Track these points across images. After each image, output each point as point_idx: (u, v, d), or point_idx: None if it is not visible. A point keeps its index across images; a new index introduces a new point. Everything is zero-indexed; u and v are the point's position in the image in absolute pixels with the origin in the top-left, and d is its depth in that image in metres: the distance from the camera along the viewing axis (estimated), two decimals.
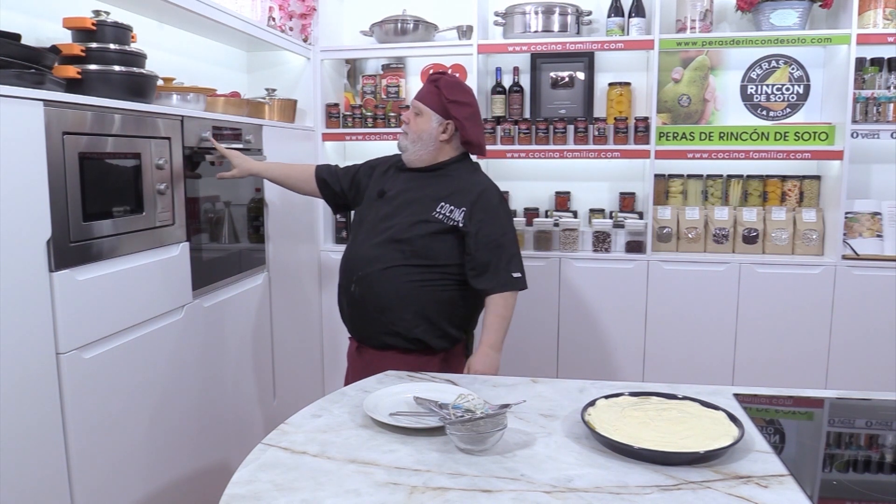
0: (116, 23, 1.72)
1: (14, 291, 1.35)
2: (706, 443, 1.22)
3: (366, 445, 1.28)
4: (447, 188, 1.94)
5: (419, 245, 1.88)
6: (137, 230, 1.74)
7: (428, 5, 3.16)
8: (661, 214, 2.99)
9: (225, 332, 2.20)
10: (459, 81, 2.03)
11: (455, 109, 1.93)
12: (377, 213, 1.97)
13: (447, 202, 1.91)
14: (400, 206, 1.94)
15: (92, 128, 1.57)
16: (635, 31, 2.90)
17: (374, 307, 1.90)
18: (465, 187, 1.94)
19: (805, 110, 3.04)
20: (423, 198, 1.93)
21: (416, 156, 1.97)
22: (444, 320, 1.92)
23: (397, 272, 1.88)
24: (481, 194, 1.93)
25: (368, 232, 1.96)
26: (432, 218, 1.90)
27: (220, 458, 2.15)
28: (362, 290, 1.92)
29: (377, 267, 1.90)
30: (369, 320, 1.93)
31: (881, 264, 2.75)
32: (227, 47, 2.85)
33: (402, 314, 1.89)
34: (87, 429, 1.55)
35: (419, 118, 1.95)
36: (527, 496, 1.10)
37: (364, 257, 1.93)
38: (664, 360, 2.91)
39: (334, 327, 3.12)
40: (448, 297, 1.92)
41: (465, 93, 1.98)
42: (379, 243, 1.91)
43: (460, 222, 1.89)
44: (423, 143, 1.95)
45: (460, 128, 1.94)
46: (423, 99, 1.95)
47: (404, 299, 1.88)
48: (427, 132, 1.94)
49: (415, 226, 1.89)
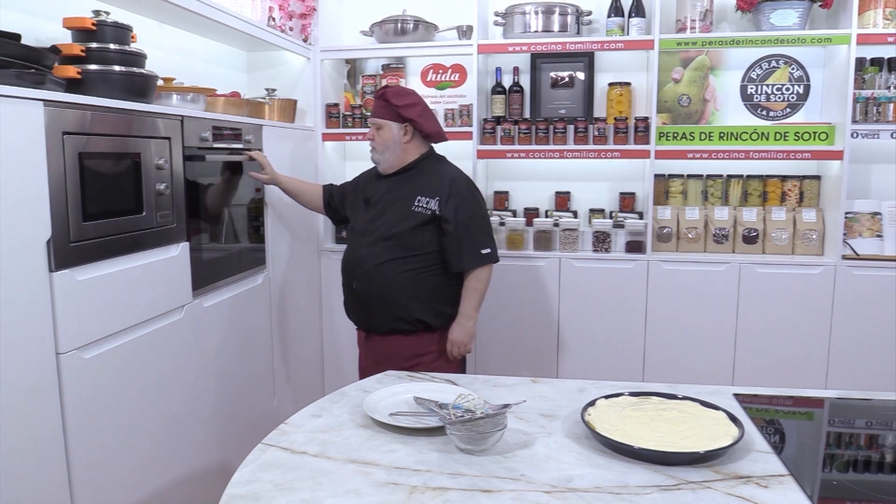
0: (116, 23, 1.72)
1: (14, 291, 1.34)
2: (706, 443, 1.23)
3: (366, 445, 1.28)
4: (420, 184, 2.19)
5: (406, 239, 2.13)
6: (137, 230, 1.74)
7: (428, 5, 3.16)
8: (661, 214, 2.99)
9: (225, 332, 2.20)
10: (402, 88, 2.31)
11: (406, 112, 2.17)
12: (365, 217, 2.24)
13: (422, 195, 2.15)
14: (383, 207, 2.20)
15: (92, 128, 1.57)
16: (635, 31, 2.90)
17: (376, 298, 2.16)
18: (435, 179, 2.19)
19: (805, 110, 3.04)
20: (402, 196, 2.18)
21: (389, 163, 2.22)
22: (437, 301, 2.19)
23: (391, 266, 2.14)
24: (452, 183, 2.17)
25: (361, 234, 2.22)
26: (412, 213, 2.14)
27: (220, 458, 2.15)
28: (363, 285, 2.17)
29: (373, 263, 2.15)
30: (373, 311, 2.18)
31: (881, 264, 2.75)
32: (227, 47, 2.85)
33: (401, 301, 2.14)
34: (87, 429, 1.55)
35: (381, 131, 2.20)
36: (527, 496, 1.10)
37: (360, 256, 2.19)
38: (664, 360, 2.91)
39: (334, 327, 3.12)
40: (438, 281, 2.18)
41: (410, 95, 2.23)
42: (371, 242, 2.17)
43: (437, 210, 2.13)
44: (391, 150, 2.20)
45: (417, 125, 2.18)
46: (378, 114, 2.21)
47: (401, 288, 2.13)
48: (391, 140, 2.19)
49: (399, 222, 2.15)
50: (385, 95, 2.19)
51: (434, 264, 2.16)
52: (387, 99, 2.18)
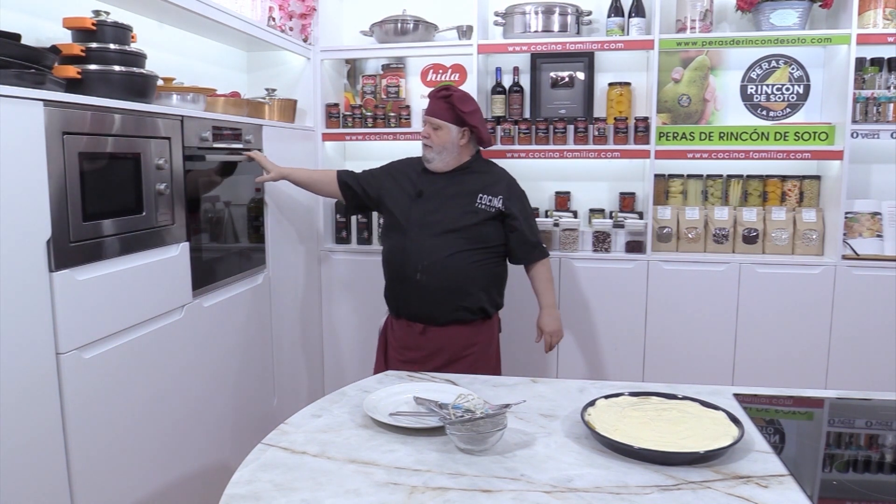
0: (116, 23, 1.72)
1: (14, 291, 1.34)
2: (706, 443, 1.23)
3: (366, 445, 1.28)
4: (479, 182, 2.29)
5: (472, 232, 2.23)
6: (137, 230, 1.74)
7: (428, 5, 3.16)
8: (661, 214, 2.99)
9: (225, 332, 2.20)
10: (465, 93, 2.33)
11: (470, 118, 2.24)
12: (421, 210, 2.27)
13: (484, 193, 2.26)
14: (442, 202, 2.26)
15: (92, 128, 1.57)
16: (635, 31, 2.90)
17: (444, 289, 2.21)
18: (494, 180, 2.31)
19: (805, 110, 3.04)
20: (462, 192, 2.26)
21: (444, 163, 2.29)
22: (495, 290, 2.33)
23: (460, 257, 2.21)
24: (510, 184, 2.34)
25: (420, 227, 2.24)
26: (477, 209, 2.24)
27: (220, 458, 2.15)
28: (430, 276, 2.21)
29: (442, 255, 2.20)
30: (438, 301, 2.22)
31: (881, 264, 2.75)
32: (227, 47, 2.85)
33: (469, 290, 2.23)
34: (87, 429, 1.55)
35: (439, 132, 2.26)
36: (527, 496, 1.10)
37: (425, 248, 2.22)
38: (664, 360, 2.91)
39: (334, 327, 3.13)
40: (498, 271, 2.33)
41: (472, 101, 2.30)
42: (435, 234, 2.22)
43: (502, 208, 2.26)
44: (447, 151, 2.27)
45: (476, 132, 2.28)
46: (439, 115, 2.26)
47: (468, 277, 2.23)
48: (450, 142, 2.26)
49: (463, 216, 2.23)
50: (451, 99, 2.24)
51: (495, 256, 2.29)
52: (452, 103, 2.24)
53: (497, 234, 2.28)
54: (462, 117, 2.23)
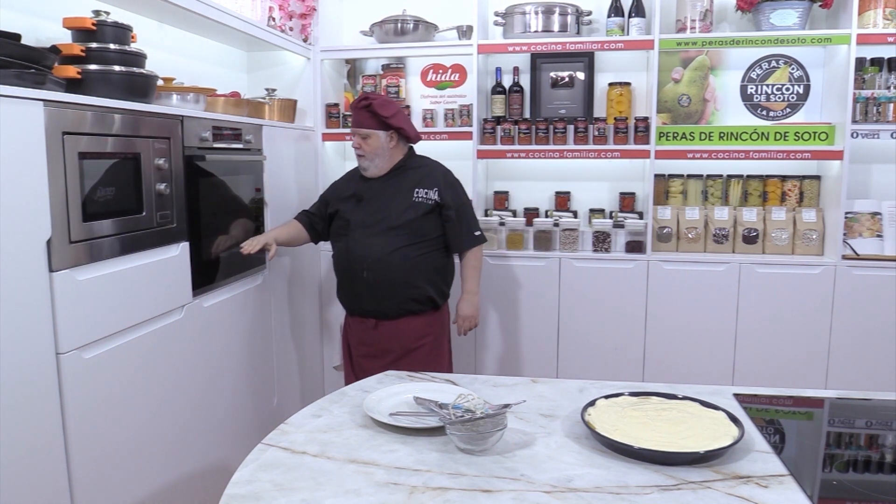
0: (116, 23, 1.72)
1: (14, 291, 1.35)
2: (706, 443, 1.22)
3: (366, 445, 1.28)
4: (414, 177, 2.37)
5: (413, 227, 2.31)
6: (137, 230, 1.74)
7: (428, 5, 3.16)
8: (661, 214, 2.99)
9: (225, 332, 2.20)
10: (385, 98, 2.46)
11: (393, 121, 2.31)
12: (362, 212, 2.35)
13: (420, 187, 2.35)
14: (382, 202, 2.34)
15: (92, 128, 1.57)
16: (635, 31, 2.90)
17: (391, 284, 2.29)
18: (427, 173, 2.40)
19: (805, 110, 3.04)
20: (399, 190, 2.35)
21: (378, 168, 2.37)
22: (441, 280, 2.42)
23: (403, 252, 2.29)
24: (444, 175, 2.41)
25: (362, 228, 2.33)
26: (414, 203, 2.32)
27: (220, 458, 2.15)
28: (376, 273, 2.29)
29: (385, 252, 2.28)
30: (386, 296, 2.31)
31: (881, 264, 2.75)
32: (227, 47, 2.85)
33: (415, 283, 2.32)
34: (87, 429, 1.55)
35: (368, 140, 2.33)
36: (527, 496, 1.10)
37: (369, 247, 2.30)
38: (664, 360, 2.91)
39: (334, 327, 3.12)
40: (441, 262, 2.41)
41: (393, 104, 2.39)
42: (378, 233, 2.31)
43: (438, 199, 2.34)
44: (380, 157, 2.35)
45: (402, 131, 2.35)
46: (364, 124, 2.33)
47: (413, 271, 2.30)
48: (380, 147, 2.34)
49: (404, 213, 2.31)
50: (372, 107, 2.30)
51: (437, 248, 2.38)
52: (374, 110, 2.30)
53: (436, 227, 2.36)
54: (386, 122, 2.30)
